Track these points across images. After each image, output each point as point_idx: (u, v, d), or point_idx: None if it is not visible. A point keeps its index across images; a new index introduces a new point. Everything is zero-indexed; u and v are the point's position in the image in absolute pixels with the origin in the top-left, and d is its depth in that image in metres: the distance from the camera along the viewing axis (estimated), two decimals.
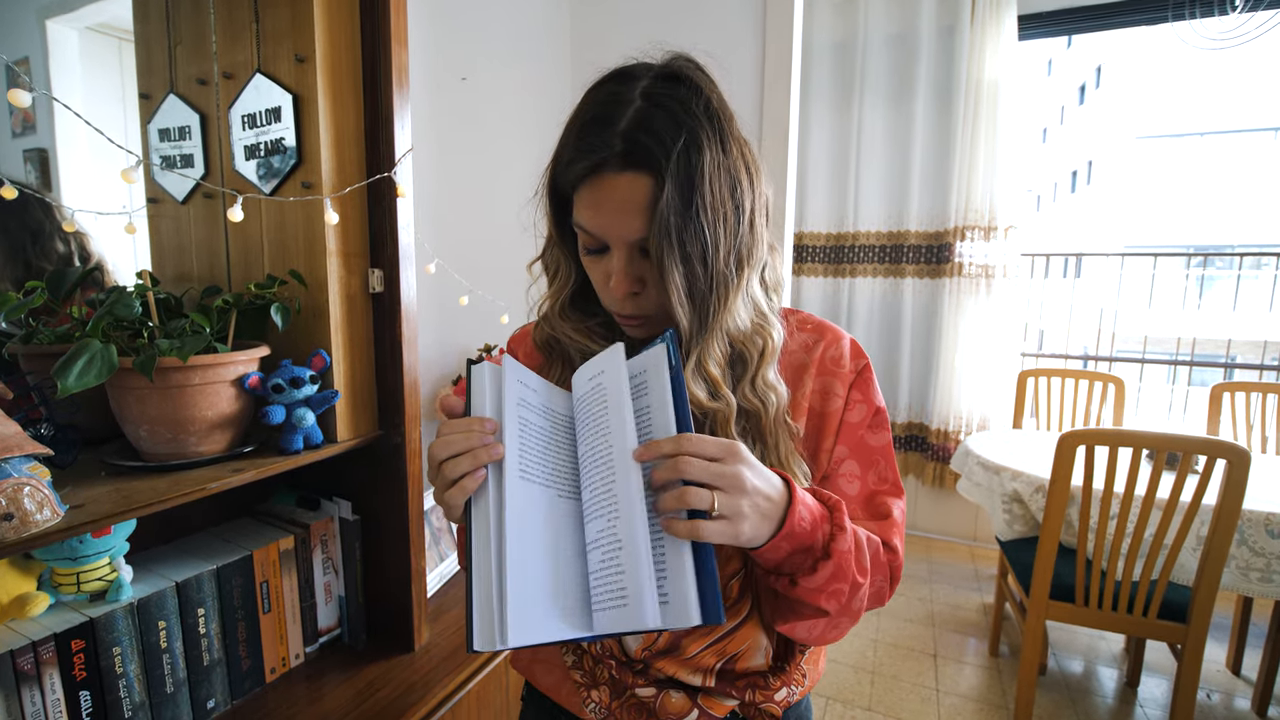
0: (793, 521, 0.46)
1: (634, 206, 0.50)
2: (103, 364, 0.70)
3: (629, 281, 0.54)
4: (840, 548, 0.49)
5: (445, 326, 1.57)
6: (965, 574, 2.69)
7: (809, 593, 0.49)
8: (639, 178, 0.49)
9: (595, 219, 0.52)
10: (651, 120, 0.49)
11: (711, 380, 0.53)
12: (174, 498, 0.72)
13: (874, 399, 0.61)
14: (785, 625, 0.54)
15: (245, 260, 1.00)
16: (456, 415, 0.49)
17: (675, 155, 0.48)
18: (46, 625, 0.73)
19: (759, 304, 0.57)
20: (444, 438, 0.46)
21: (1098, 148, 17.80)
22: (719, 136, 0.50)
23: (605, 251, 0.54)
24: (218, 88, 0.97)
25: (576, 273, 0.61)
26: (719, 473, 0.44)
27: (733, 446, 0.45)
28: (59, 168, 1.04)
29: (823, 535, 0.49)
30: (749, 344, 0.56)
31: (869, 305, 2.92)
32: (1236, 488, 1.42)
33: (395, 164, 0.95)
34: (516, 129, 1.78)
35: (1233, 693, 1.91)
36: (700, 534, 0.42)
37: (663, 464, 0.44)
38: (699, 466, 0.43)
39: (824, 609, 0.50)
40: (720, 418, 0.54)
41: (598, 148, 0.49)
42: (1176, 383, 3.47)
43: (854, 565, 0.50)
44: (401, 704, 0.95)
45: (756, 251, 0.54)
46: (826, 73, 2.84)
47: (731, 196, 0.51)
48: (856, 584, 0.50)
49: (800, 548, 0.48)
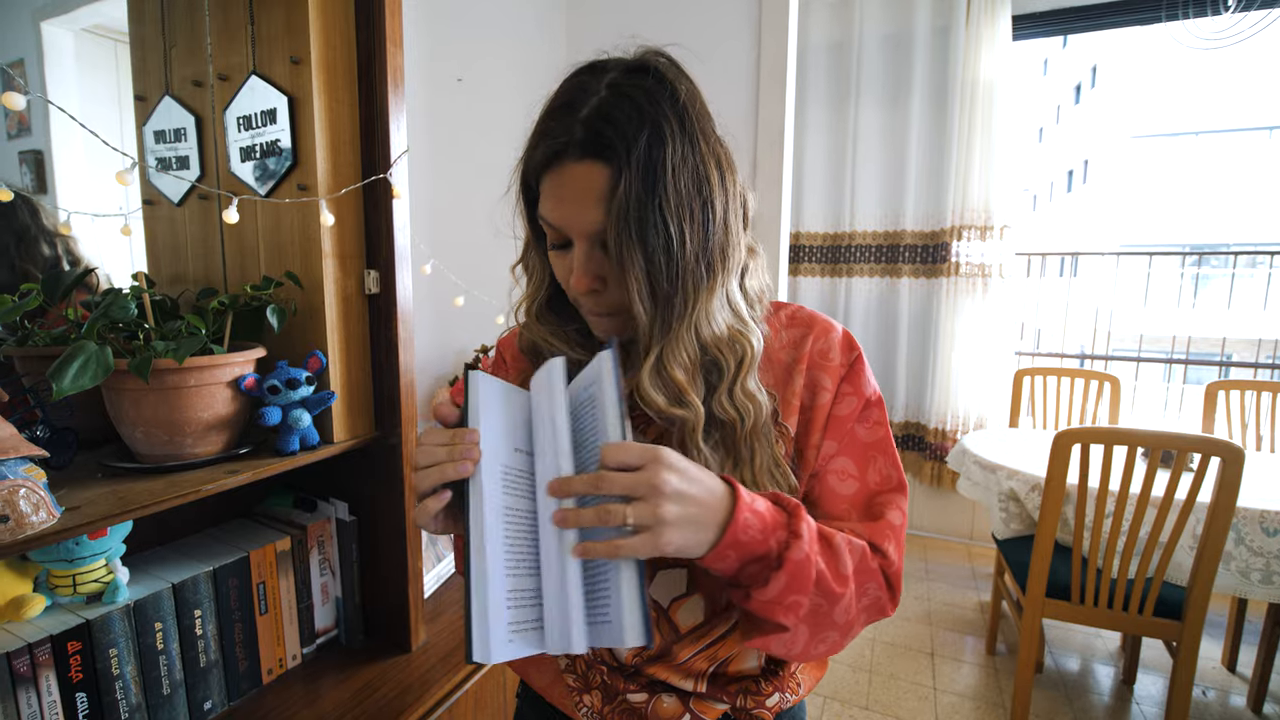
0: (736, 529, 0.44)
1: (592, 196, 0.48)
2: (98, 366, 0.70)
3: (589, 277, 0.52)
4: (794, 556, 0.45)
5: (441, 328, 1.57)
6: (962, 573, 2.70)
7: (763, 605, 0.46)
8: (597, 167, 0.48)
9: (556, 210, 0.51)
10: (614, 109, 0.47)
11: (675, 384, 0.50)
12: (170, 499, 0.73)
13: (865, 390, 0.57)
14: (752, 641, 0.51)
15: (241, 262, 1.00)
16: (450, 424, 0.48)
17: (637, 146, 0.47)
18: (43, 627, 0.73)
19: (739, 310, 0.55)
20: (423, 447, 0.46)
21: (1093, 147, 17.86)
22: (685, 131, 0.49)
23: (570, 246, 0.53)
24: (213, 90, 0.97)
25: (550, 275, 0.59)
26: (635, 482, 0.42)
27: (653, 452, 0.43)
28: (54, 170, 1.04)
29: (777, 543, 0.46)
30: (726, 351, 0.53)
31: (865, 305, 2.93)
32: (1231, 485, 1.43)
33: (391, 165, 0.95)
34: (512, 130, 1.77)
35: (1228, 690, 1.92)
36: (619, 552, 0.41)
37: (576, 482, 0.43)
38: (615, 481, 0.42)
39: (781, 623, 0.47)
40: (687, 426, 0.51)
41: (558, 133, 0.49)
42: (1172, 381, 3.49)
43: (821, 574, 0.47)
44: (399, 704, 0.95)
45: (732, 253, 0.52)
46: (822, 73, 2.85)
47: (699, 193, 0.49)
48: (832, 594, 0.47)
49: (751, 557, 0.45)
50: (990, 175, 2.64)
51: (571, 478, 0.44)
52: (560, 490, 0.44)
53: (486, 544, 0.43)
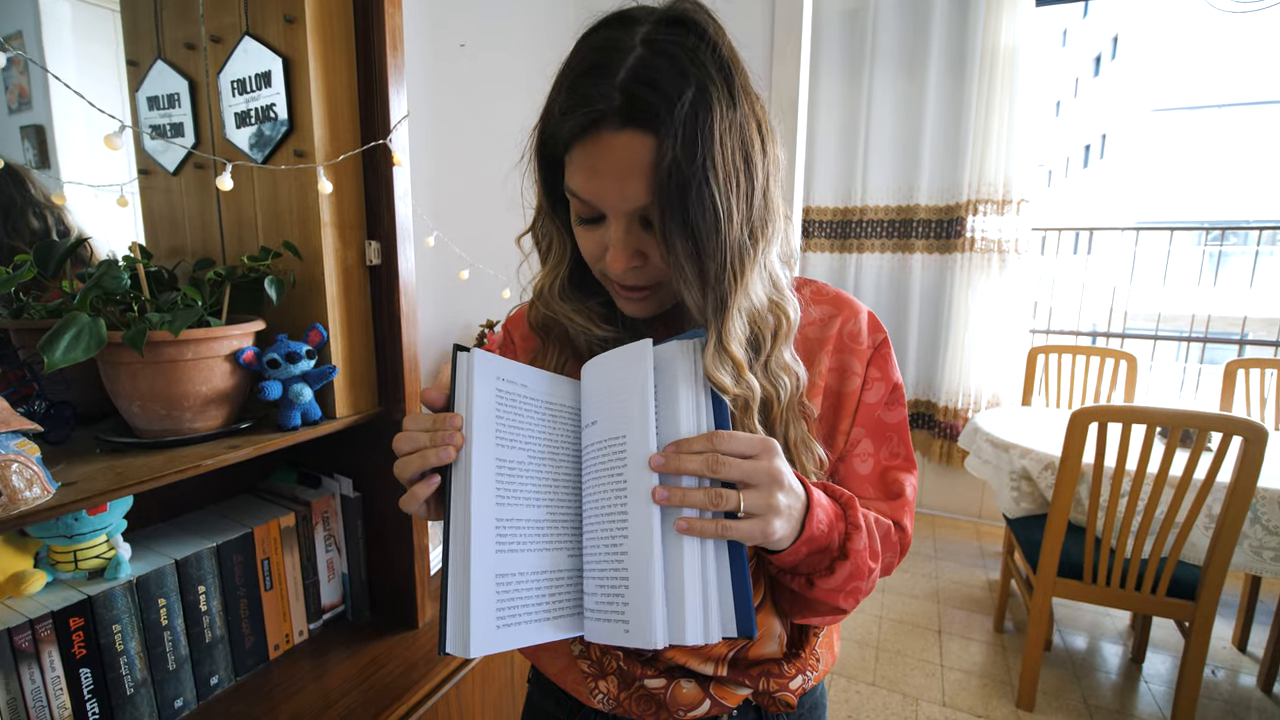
0: (812, 524, 0.45)
1: (634, 169, 0.44)
2: (91, 338, 0.68)
3: (628, 255, 0.48)
4: (856, 547, 0.47)
5: (445, 302, 1.55)
6: (970, 551, 2.69)
7: (827, 593, 0.48)
8: (639, 136, 0.43)
9: (589, 184, 0.47)
10: (654, 70, 0.43)
11: (735, 363, 0.48)
12: (168, 475, 0.71)
13: (891, 375, 0.58)
14: (803, 619, 0.55)
15: (239, 234, 0.97)
16: (436, 409, 0.46)
17: (681, 111, 0.42)
18: (44, 603, 0.72)
19: (777, 280, 0.52)
20: (405, 432, 0.44)
21: (1112, 121, 17.43)
22: (729, 90, 0.44)
23: (600, 221, 0.49)
24: (206, 52, 0.94)
25: (573, 247, 0.55)
26: (753, 469, 0.42)
27: (768, 443, 0.43)
28: (56, 143, 1.02)
29: (839, 535, 0.48)
30: (761, 323, 0.51)
31: (876, 281, 2.88)
32: (1252, 465, 1.39)
33: (390, 131, 0.92)
34: (518, 98, 1.72)
35: (1238, 669, 1.91)
36: (729, 532, 0.40)
37: (689, 460, 0.42)
38: (732, 465, 0.41)
39: (842, 607, 0.50)
40: (741, 404, 0.49)
41: (593, 101, 0.44)
42: (1189, 360, 3.43)
43: (868, 558, 0.49)
44: (405, 680, 0.94)
45: (772, 221, 0.49)
46: (836, 41, 2.76)
47: (745, 162, 0.45)
48: (870, 571, 0.49)
49: (818, 550, 0.46)
50: (1009, 147, 2.56)
51: (686, 455, 0.42)
52: (671, 466, 0.42)
53: (473, 534, 0.41)
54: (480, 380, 0.45)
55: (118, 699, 0.77)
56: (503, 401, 0.46)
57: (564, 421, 0.49)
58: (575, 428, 0.49)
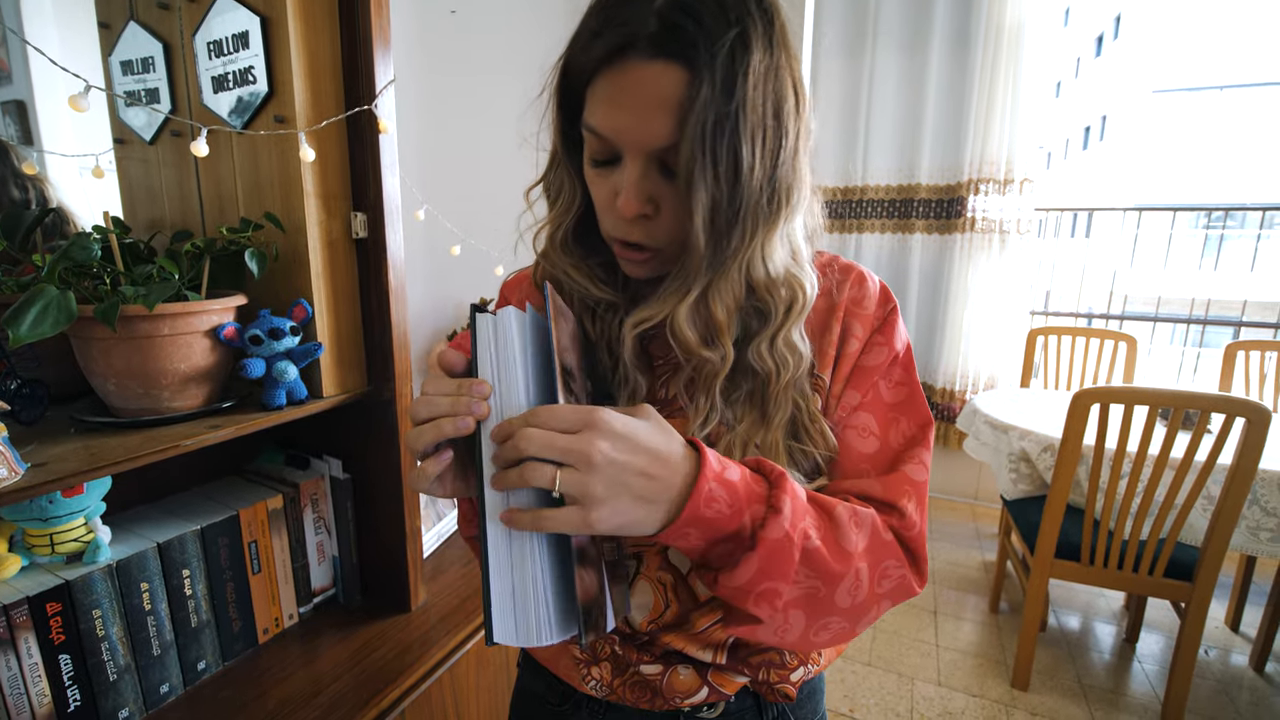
0: (698, 502, 0.38)
1: (661, 103, 0.40)
2: (59, 312, 0.64)
3: (640, 200, 0.44)
4: (770, 535, 0.39)
5: (436, 278, 1.51)
6: (966, 532, 2.70)
7: (732, 593, 0.41)
8: (671, 68, 0.40)
9: (611, 118, 0.43)
10: (696, 0, 0.40)
11: (715, 324, 0.45)
12: (146, 455, 0.68)
13: (896, 344, 0.53)
14: (732, 630, 0.45)
15: (220, 205, 0.93)
16: (456, 373, 0.41)
17: (721, 48, 0.39)
18: (19, 588, 0.70)
19: (798, 252, 0.49)
20: (424, 397, 0.40)
21: (1113, 102, 17.27)
22: (769, 38, 0.41)
23: (615, 163, 0.45)
24: (180, 12, 0.89)
25: (583, 197, 0.51)
26: (566, 447, 0.35)
27: (590, 415, 0.37)
28: (38, 119, 0.98)
29: (751, 519, 0.40)
30: (775, 296, 0.47)
31: (875, 261, 2.85)
32: (1254, 446, 1.38)
33: (376, 96, 0.87)
34: (511, 68, 1.67)
35: (1230, 649, 1.92)
36: (543, 524, 0.36)
37: (506, 445, 0.37)
38: (542, 439, 0.36)
39: (753, 614, 0.41)
40: (707, 370, 0.46)
41: (628, 21, 0.40)
42: (1188, 343, 3.42)
43: (815, 551, 0.41)
44: (398, 664, 0.93)
45: (798, 188, 0.46)
46: (838, 16, 2.70)
47: (776, 115, 0.42)
48: (831, 574, 0.42)
49: (719, 535, 0.40)
50: (1013, 124, 2.51)
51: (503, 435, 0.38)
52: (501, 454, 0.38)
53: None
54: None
55: (100, 685, 0.75)
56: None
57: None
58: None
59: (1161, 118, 17.08)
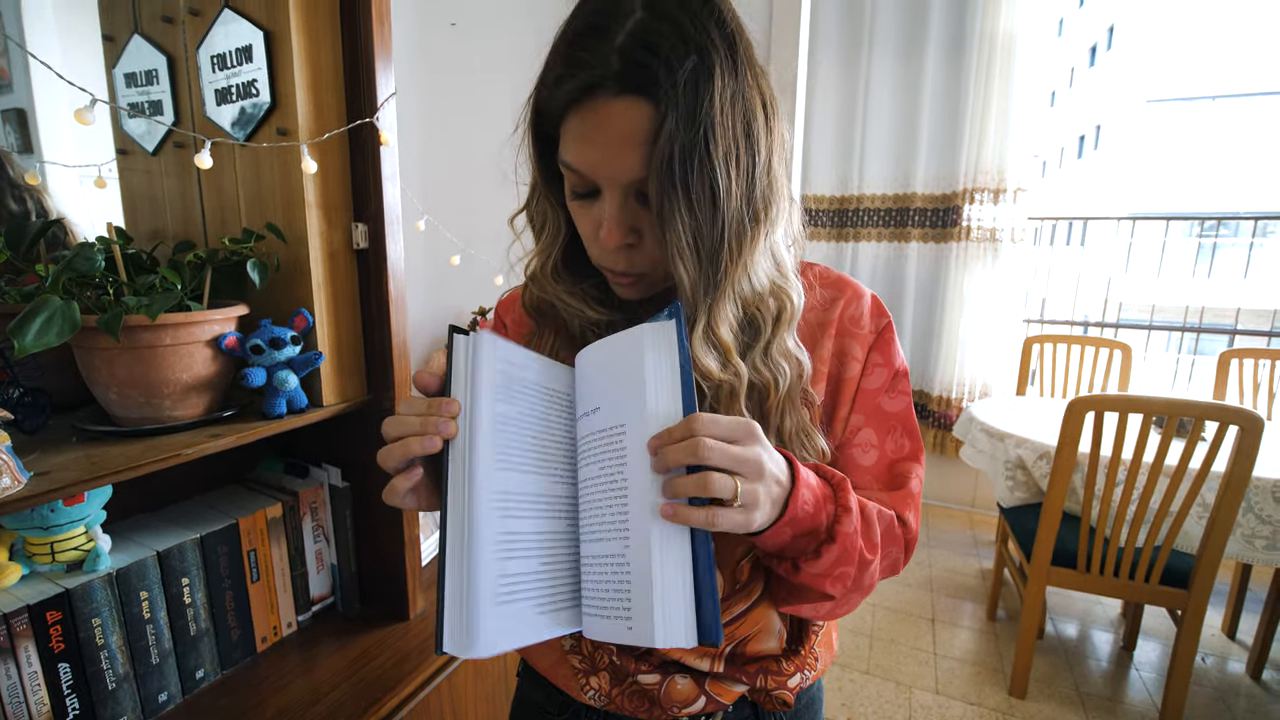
0: (796, 505, 0.42)
1: (631, 139, 0.42)
2: (63, 322, 0.65)
3: (622, 231, 0.46)
4: (845, 530, 0.45)
5: (437, 288, 1.52)
6: (963, 540, 2.70)
7: (813, 578, 0.46)
8: (637, 104, 0.41)
9: (584, 154, 0.44)
10: (655, 34, 0.40)
11: (723, 347, 0.47)
12: (147, 464, 0.68)
13: (894, 361, 0.55)
14: (790, 607, 0.52)
15: (222, 216, 0.94)
16: (430, 393, 0.43)
17: (682, 78, 0.40)
18: (19, 597, 0.70)
19: (781, 263, 0.50)
20: (396, 417, 0.42)
21: (1107, 111, 17.42)
22: (733, 60, 0.42)
23: (595, 196, 0.47)
24: (184, 26, 0.90)
25: (567, 225, 0.53)
26: (740, 457, 0.38)
27: (750, 427, 0.40)
28: (39, 127, 0.99)
29: (827, 517, 0.45)
30: (763, 307, 0.49)
31: (871, 270, 2.86)
32: (1248, 454, 1.39)
33: (378, 109, 0.89)
34: (511, 80, 1.69)
35: (1227, 656, 1.93)
36: (717, 522, 0.38)
37: (674, 452, 0.38)
38: (719, 450, 0.38)
39: (829, 593, 0.47)
40: (727, 390, 0.47)
41: (590, 64, 0.41)
42: (1182, 351, 3.44)
43: (860, 545, 0.46)
44: (396, 673, 0.93)
45: (776, 201, 0.47)
46: (833, 24, 2.73)
47: (746, 135, 0.43)
48: (865, 562, 0.47)
49: (803, 531, 0.44)
50: (1007, 135, 2.54)
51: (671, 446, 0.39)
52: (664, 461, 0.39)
53: (477, 524, 0.39)
54: (486, 364, 0.43)
55: (99, 694, 0.75)
56: (508, 388, 0.43)
57: (559, 410, 0.47)
58: (570, 416, 0.47)
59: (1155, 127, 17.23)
